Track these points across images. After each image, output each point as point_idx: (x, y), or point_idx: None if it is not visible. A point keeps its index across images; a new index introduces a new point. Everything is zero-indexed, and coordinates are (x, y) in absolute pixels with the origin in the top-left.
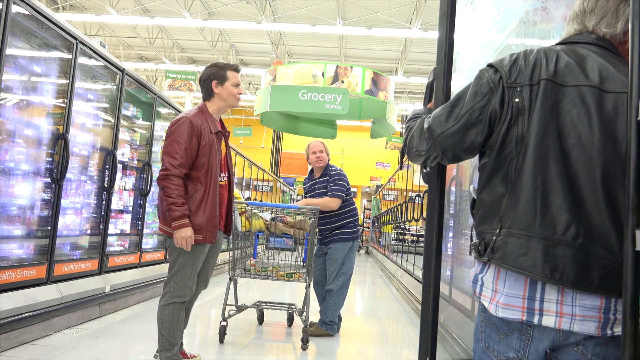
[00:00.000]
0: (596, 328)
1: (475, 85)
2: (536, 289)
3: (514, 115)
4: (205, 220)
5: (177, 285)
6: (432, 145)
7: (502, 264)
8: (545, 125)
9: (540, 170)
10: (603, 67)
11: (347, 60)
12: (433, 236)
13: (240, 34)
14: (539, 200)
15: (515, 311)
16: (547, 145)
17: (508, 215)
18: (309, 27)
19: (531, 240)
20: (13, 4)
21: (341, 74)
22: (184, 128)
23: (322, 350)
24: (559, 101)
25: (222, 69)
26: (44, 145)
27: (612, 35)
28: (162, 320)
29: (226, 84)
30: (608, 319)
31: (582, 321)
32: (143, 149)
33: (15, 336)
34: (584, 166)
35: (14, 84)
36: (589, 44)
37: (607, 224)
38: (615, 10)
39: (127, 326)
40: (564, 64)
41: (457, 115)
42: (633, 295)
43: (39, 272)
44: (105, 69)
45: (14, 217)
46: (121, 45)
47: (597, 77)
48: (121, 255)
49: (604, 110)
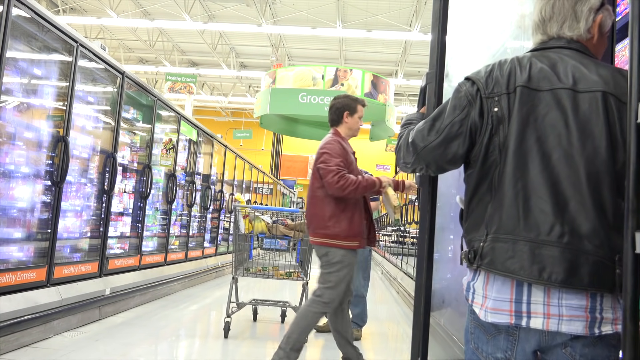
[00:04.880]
0: (584, 327)
1: (454, 99)
2: (522, 292)
3: (495, 125)
4: (358, 228)
5: (332, 296)
6: (416, 158)
7: (491, 269)
8: (524, 130)
9: (521, 175)
10: (575, 68)
11: (347, 63)
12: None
13: (240, 37)
14: (521, 204)
15: (503, 315)
16: (526, 150)
17: (493, 221)
18: (309, 29)
19: (517, 243)
20: (14, 7)
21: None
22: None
23: (326, 345)
24: (536, 106)
25: (355, 102)
26: (44, 147)
27: (578, 37)
28: (309, 325)
29: (355, 116)
30: (595, 317)
31: (570, 321)
32: (143, 152)
33: (15, 339)
34: (565, 166)
35: (15, 86)
36: (560, 48)
37: (594, 220)
38: (573, 13)
39: (127, 329)
40: (537, 69)
41: (438, 129)
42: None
43: (39, 274)
44: (105, 71)
45: (14, 219)
46: (121, 48)
47: (571, 79)
48: (121, 257)
49: (580, 110)
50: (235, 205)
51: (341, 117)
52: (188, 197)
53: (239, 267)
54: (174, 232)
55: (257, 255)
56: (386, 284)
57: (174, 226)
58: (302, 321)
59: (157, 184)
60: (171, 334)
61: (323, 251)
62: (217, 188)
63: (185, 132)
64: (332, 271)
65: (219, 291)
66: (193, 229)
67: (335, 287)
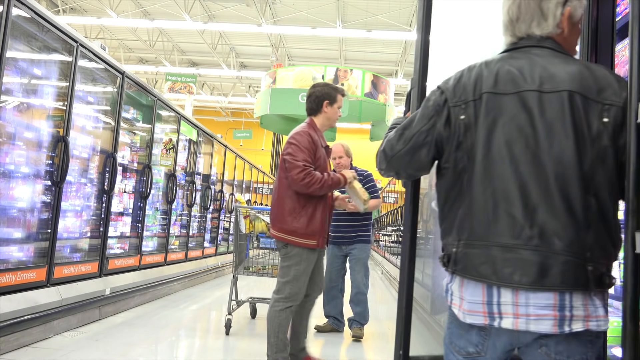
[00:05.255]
0: (552, 326)
1: (423, 108)
2: (493, 294)
3: (463, 132)
4: (318, 226)
5: (293, 290)
6: (387, 165)
7: (465, 275)
8: (491, 136)
9: (489, 180)
10: (542, 68)
11: (347, 63)
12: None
13: (240, 37)
14: (491, 209)
15: (478, 316)
16: (494, 155)
17: (464, 227)
18: (309, 29)
19: (489, 249)
20: (14, 7)
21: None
22: (307, 138)
23: (326, 344)
24: (502, 110)
25: (335, 91)
26: (44, 147)
27: (548, 33)
28: (279, 324)
29: (335, 105)
30: (564, 316)
31: (537, 320)
32: (143, 152)
33: (15, 339)
34: (533, 168)
35: (15, 86)
36: (530, 47)
37: (564, 220)
38: (540, 10)
39: (127, 329)
40: (504, 73)
41: (406, 138)
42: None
43: (39, 274)
44: (105, 71)
45: (14, 219)
46: (121, 48)
47: (537, 80)
48: (121, 257)
49: (546, 111)
50: (236, 206)
51: (320, 106)
52: (188, 197)
53: (239, 266)
54: (174, 232)
55: (256, 255)
56: (386, 284)
57: (174, 226)
58: (272, 323)
59: (157, 184)
60: (171, 334)
61: (281, 244)
62: (217, 188)
63: (185, 132)
64: (291, 264)
65: (219, 291)
66: (193, 229)
67: (294, 281)
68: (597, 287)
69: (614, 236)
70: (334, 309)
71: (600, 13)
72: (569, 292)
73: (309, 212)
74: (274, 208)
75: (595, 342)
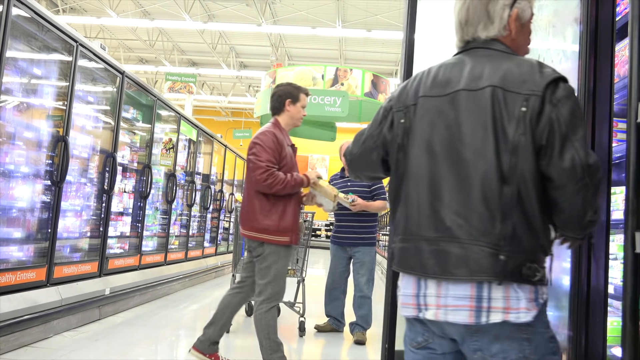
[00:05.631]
0: (469, 317)
1: (376, 114)
2: (421, 286)
3: (402, 135)
4: (289, 223)
5: (275, 290)
6: (349, 168)
7: (400, 269)
8: (422, 137)
9: (418, 179)
10: (475, 68)
11: (347, 63)
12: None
13: (240, 37)
14: (419, 205)
15: (409, 309)
16: (423, 155)
17: (400, 224)
18: (309, 29)
19: (416, 242)
20: (13, 7)
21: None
22: (271, 138)
23: (330, 340)
24: (434, 112)
25: (297, 90)
26: (44, 147)
27: (494, 35)
28: (268, 325)
29: (298, 104)
30: (481, 307)
31: (455, 311)
32: (143, 152)
33: (15, 339)
34: (456, 164)
35: (14, 86)
36: (476, 49)
37: (481, 210)
38: (487, 13)
39: (127, 329)
40: (440, 76)
41: (360, 143)
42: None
43: (38, 274)
44: (105, 71)
45: (14, 219)
46: (121, 48)
47: (469, 80)
48: (121, 257)
49: (471, 108)
50: (236, 206)
51: (283, 105)
52: (188, 196)
53: (237, 265)
54: (174, 232)
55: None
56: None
57: (174, 226)
58: (260, 326)
59: (157, 183)
60: (171, 334)
61: (255, 244)
62: (217, 188)
63: (185, 132)
64: (270, 264)
65: (218, 291)
66: (193, 229)
67: (275, 281)
68: (515, 278)
69: (535, 226)
70: (335, 309)
71: (600, 13)
72: (487, 283)
73: (279, 210)
74: (244, 208)
75: (533, 341)
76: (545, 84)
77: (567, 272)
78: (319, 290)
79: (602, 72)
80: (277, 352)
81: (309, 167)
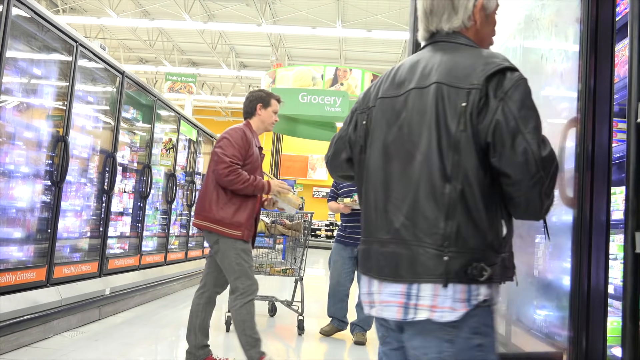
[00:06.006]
0: (397, 313)
1: (346, 117)
2: (371, 284)
3: (363, 136)
4: (244, 218)
5: (245, 283)
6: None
7: (360, 271)
8: (379, 139)
9: (374, 180)
10: (432, 64)
11: (347, 63)
12: None
13: (240, 37)
14: (375, 207)
15: (367, 306)
16: (379, 156)
17: (362, 226)
18: (309, 29)
19: (372, 244)
20: (13, 7)
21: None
22: (241, 134)
23: (330, 340)
24: (389, 113)
25: (268, 96)
26: (44, 147)
27: (458, 27)
28: (244, 321)
29: (269, 109)
30: (408, 304)
31: (387, 307)
32: (143, 152)
33: (15, 339)
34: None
35: (14, 86)
36: (438, 42)
37: (426, 211)
38: (451, 4)
39: (127, 329)
40: (398, 75)
41: (332, 144)
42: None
43: (38, 274)
44: (105, 71)
45: (14, 219)
46: (121, 48)
47: (420, 78)
48: (121, 257)
49: (418, 107)
50: None
51: (254, 109)
52: (188, 196)
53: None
54: (174, 232)
55: (255, 254)
56: None
57: (174, 226)
58: (236, 323)
59: (157, 183)
60: (171, 334)
61: (213, 239)
62: None
63: (185, 132)
64: (231, 260)
65: None
66: (193, 229)
67: (242, 275)
68: (461, 278)
69: (481, 225)
70: (340, 311)
71: (600, 13)
72: (417, 281)
73: (236, 204)
74: (200, 199)
75: (455, 344)
76: (486, 77)
77: (567, 272)
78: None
79: (602, 72)
80: (255, 348)
81: (309, 167)
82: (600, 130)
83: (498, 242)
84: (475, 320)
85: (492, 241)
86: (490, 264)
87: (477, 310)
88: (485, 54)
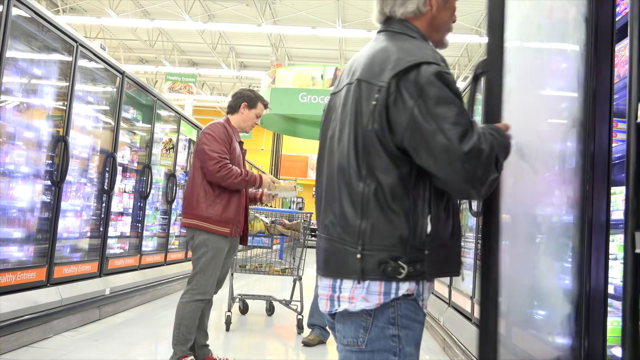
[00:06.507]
0: (325, 305)
1: None
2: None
3: (321, 132)
4: (232, 215)
5: (199, 282)
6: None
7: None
8: (324, 135)
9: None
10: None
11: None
12: None
13: (240, 37)
14: (317, 206)
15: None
16: (322, 154)
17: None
18: (309, 29)
19: (320, 239)
20: (14, 7)
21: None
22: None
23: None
24: (330, 109)
25: (256, 98)
26: (44, 147)
27: (411, 13)
28: (182, 317)
29: (252, 110)
30: (333, 296)
31: (321, 299)
32: (143, 152)
33: (15, 339)
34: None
35: (14, 86)
36: (384, 32)
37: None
38: None
39: (127, 329)
40: (344, 70)
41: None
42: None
43: (38, 274)
44: (105, 71)
45: (14, 219)
46: (121, 48)
47: (352, 74)
48: (121, 257)
49: (344, 104)
50: None
51: (238, 107)
52: None
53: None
54: (174, 232)
55: (255, 254)
56: None
57: (174, 226)
58: (176, 314)
59: (157, 183)
60: (171, 334)
61: (190, 234)
62: None
63: (185, 132)
64: (199, 256)
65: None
66: None
67: (201, 272)
68: (376, 276)
69: (397, 223)
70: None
71: (600, 13)
72: (340, 277)
73: (224, 201)
74: (187, 197)
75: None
76: (394, 74)
77: (567, 272)
78: None
79: (602, 72)
80: (182, 346)
81: (308, 167)
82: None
83: (421, 240)
84: (392, 311)
85: (413, 238)
86: (411, 261)
87: (396, 302)
88: (407, 48)
